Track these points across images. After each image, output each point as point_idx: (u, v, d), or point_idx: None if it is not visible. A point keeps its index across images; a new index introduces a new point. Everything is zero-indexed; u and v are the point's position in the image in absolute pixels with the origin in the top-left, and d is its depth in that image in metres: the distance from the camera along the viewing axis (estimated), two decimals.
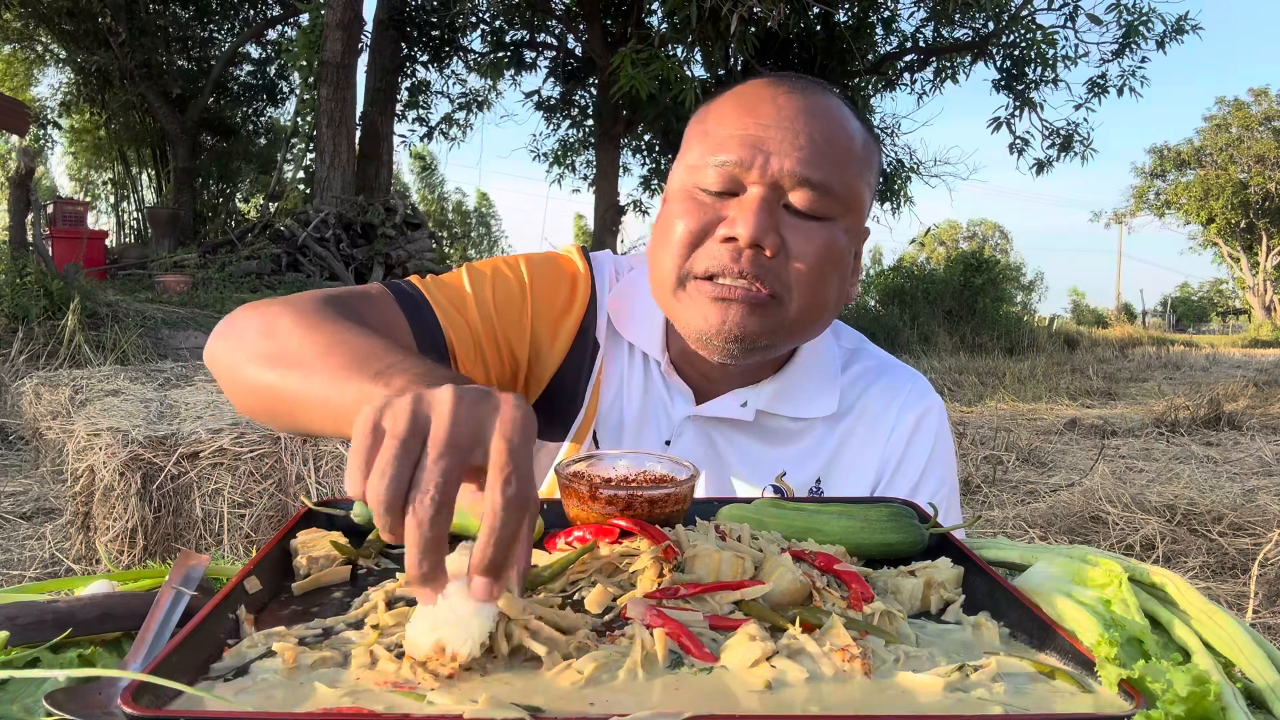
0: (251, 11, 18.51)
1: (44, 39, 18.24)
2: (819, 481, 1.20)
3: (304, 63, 13.66)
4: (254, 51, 19.50)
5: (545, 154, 18.05)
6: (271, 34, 19.21)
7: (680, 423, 1.18)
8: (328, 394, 0.84)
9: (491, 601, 0.60)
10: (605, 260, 1.27)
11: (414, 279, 1.18)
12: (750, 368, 1.16)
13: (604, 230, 15.69)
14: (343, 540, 0.83)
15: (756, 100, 1.06)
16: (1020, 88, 14.20)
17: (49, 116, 20.08)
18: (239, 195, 20.64)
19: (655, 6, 13.21)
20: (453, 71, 16.84)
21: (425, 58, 16.20)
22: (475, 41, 16.27)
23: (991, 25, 13.77)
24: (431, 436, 0.61)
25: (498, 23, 15.53)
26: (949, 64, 14.95)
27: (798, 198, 1.02)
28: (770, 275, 1.02)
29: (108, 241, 14.38)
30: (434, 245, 13.21)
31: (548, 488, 1.20)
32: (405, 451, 0.60)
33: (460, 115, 16.86)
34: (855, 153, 1.07)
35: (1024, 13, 13.60)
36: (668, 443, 1.18)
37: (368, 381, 0.79)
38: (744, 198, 1.03)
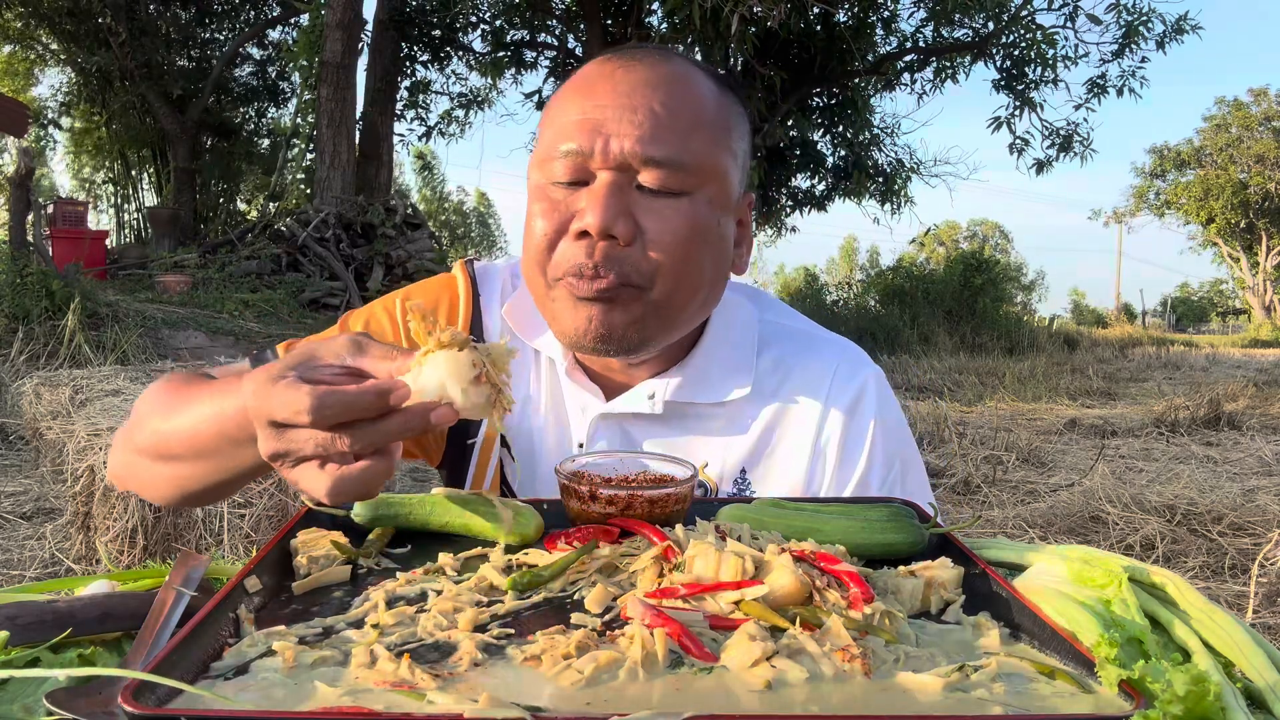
0: (252, 12, 18.51)
1: (44, 39, 18.24)
2: (744, 472, 1.13)
3: (304, 63, 13.67)
4: (255, 52, 19.51)
5: None
6: (272, 34, 19.23)
7: (592, 422, 1.13)
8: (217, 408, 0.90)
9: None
10: (495, 270, 1.23)
11: (282, 346, 1.14)
12: (656, 358, 1.11)
13: None
14: (343, 540, 0.83)
15: (594, 80, 1.01)
16: (1020, 88, 14.20)
17: (49, 116, 20.09)
18: (239, 195, 20.64)
19: (655, 6, 13.21)
20: (453, 71, 16.84)
21: (425, 57, 16.20)
22: (475, 41, 16.28)
23: (991, 25, 13.76)
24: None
25: (498, 22, 15.54)
26: (949, 64, 14.94)
27: (647, 177, 0.97)
28: (628, 264, 0.97)
29: (108, 241, 14.38)
30: (434, 245, 13.20)
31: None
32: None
33: (460, 113, 16.87)
34: (705, 118, 1.01)
35: (1024, 13, 13.60)
36: (581, 445, 1.13)
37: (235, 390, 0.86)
38: (593, 186, 0.98)
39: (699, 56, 13.05)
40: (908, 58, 15.01)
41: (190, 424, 0.93)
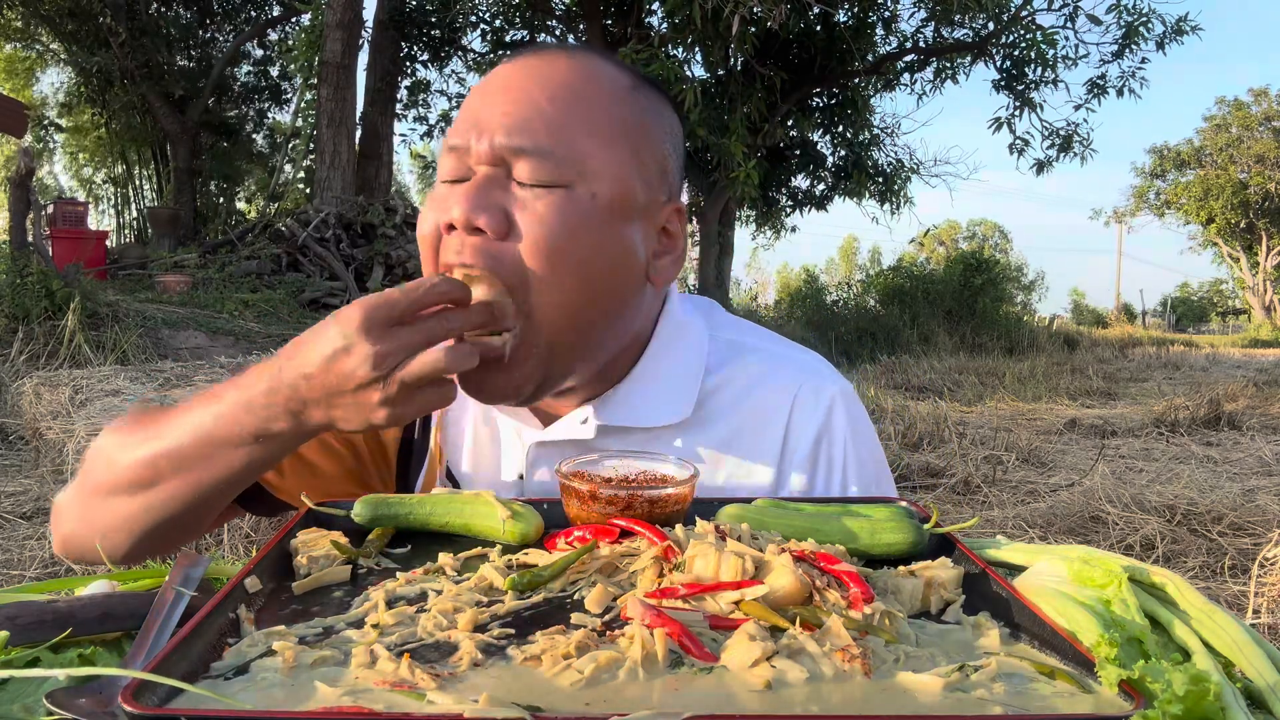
0: (252, 12, 18.52)
1: (45, 39, 18.25)
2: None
3: (304, 63, 13.67)
4: (255, 52, 19.52)
5: None
6: (272, 34, 19.23)
7: (529, 450, 1.07)
8: (205, 426, 0.91)
9: None
10: None
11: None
12: (591, 380, 1.04)
13: None
14: (343, 540, 0.83)
15: (494, 76, 0.98)
16: (1020, 88, 14.21)
17: (49, 116, 20.10)
18: (239, 195, 20.66)
19: (655, 6, 13.21)
20: (453, 71, 16.85)
21: (425, 57, 16.21)
22: (475, 41, 16.29)
23: (991, 25, 13.77)
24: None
25: (498, 22, 15.55)
26: (949, 64, 14.95)
27: (520, 170, 0.92)
28: (496, 258, 0.91)
29: (108, 242, 14.38)
30: None
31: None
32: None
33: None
34: (599, 108, 0.95)
35: (1024, 13, 13.60)
36: (521, 476, 1.08)
37: (233, 391, 0.90)
38: (465, 183, 0.94)
39: (699, 56, 13.07)
40: (908, 58, 15.02)
41: (171, 440, 0.94)
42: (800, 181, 17.39)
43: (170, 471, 0.94)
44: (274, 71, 19.33)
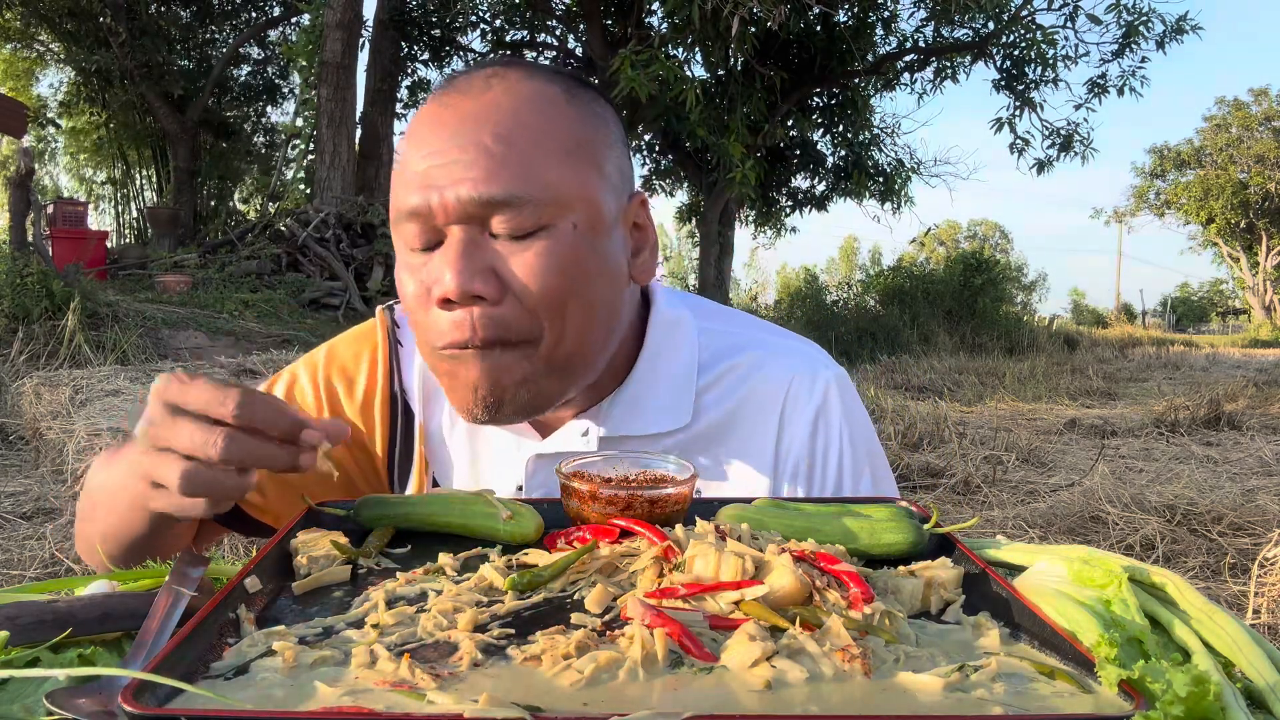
0: (252, 12, 18.52)
1: (45, 39, 18.25)
2: (698, 492, 1.03)
3: (304, 63, 13.66)
4: (255, 52, 19.52)
5: None
6: (272, 34, 19.23)
7: (529, 463, 1.06)
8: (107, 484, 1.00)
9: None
10: None
11: None
12: (587, 392, 1.04)
13: None
14: (343, 540, 0.83)
15: (425, 125, 0.92)
16: (1020, 88, 14.22)
17: (49, 116, 20.10)
18: (239, 195, 20.65)
19: (655, 7, 13.21)
20: (452, 71, 16.83)
21: (425, 57, 16.21)
22: (475, 41, 16.29)
23: (991, 25, 13.77)
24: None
25: (498, 22, 15.55)
26: (949, 64, 14.95)
27: (496, 224, 0.89)
28: (506, 323, 0.90)
29: (108, 242, 14.38)
30: None
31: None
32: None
33: None
34: (549, 139, 0.90)
35: (1024, 13, 13.61)
36: (520, 487, 1.07)
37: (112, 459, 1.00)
38: (444, 248, 0.90)
39: (699, 56, 13.07)
40: (908, 58, 15.03)
41: (95, 484, 1.04)
42: (800, 181, 17.40)
43: (103, 512, 1.01)
44: (274, 71, 19.32)
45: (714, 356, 1.08)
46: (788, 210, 17.96)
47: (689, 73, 12.09)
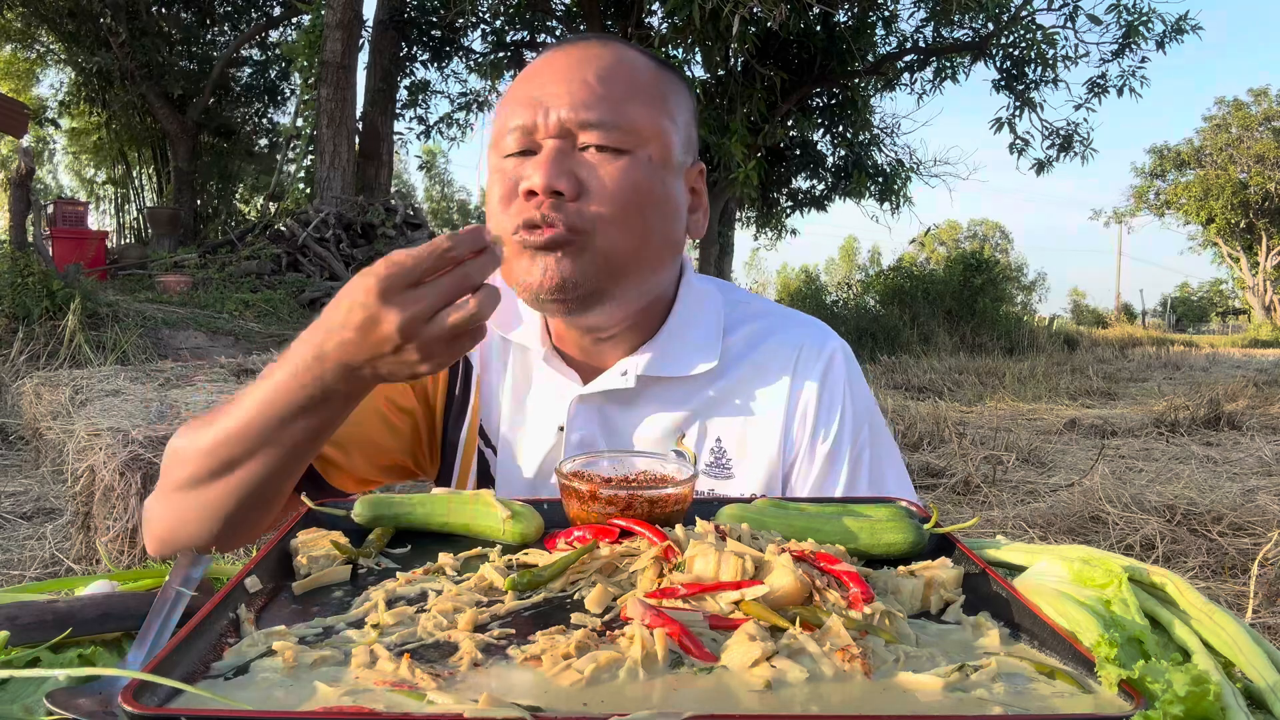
0: (253, 12, 18.51)
1: (45, 39, 18.25)
2: (719, 441, 1.19)
3: (304, 63, 13.66)
4: (255, 52, 19.50)
5: None
6: (272, 34, 19.23)
7: (571, 404, 1.19)
8: (265, 395, 0.97)
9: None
10: None
11: None
12: (628, 337, 1.18)
13: None
14: (343, 540, 0.83)
15: (536, 68, 1.12)
16: (1020, 88, 14.20)
17: (49, 117, 20.09)
18: (239, 195, 20.65)
19: (655, 7, 13.21)
20: (452, 71, 16.84)
21: (425, 57, 16.20)
22: (475, 41, 16.28)
23: (991, 25, 13.76)
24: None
25: (498, 22, 15.54)
26: (949, 64, 14.94)
27: (587, 138, 1.06)
28: (574, 215, 1.04)
29: (108, 242, 14.38)
30: None
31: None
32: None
33: (460, 115, 16.86)
34: (639, 84, 1.10)
35: (1024, 13, 13.60)
36: (561, 428, 1.19)
37: (284, 364, 0.97)
38: (539, 154, 1.06)
39: (699, 56, 13.06)
40: (908, 58, 15.01)
41: (234, 422, 1.00)
42: (800, 181, 17.38)
43: (241, 452, 1.00)
44: (274, 72, 19.31)
45: (735, 321, 1.24)
46: (788, 210, 17.96)
47: (689, 73, 12.10)
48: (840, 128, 15.96)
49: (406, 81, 16.36)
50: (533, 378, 1.22)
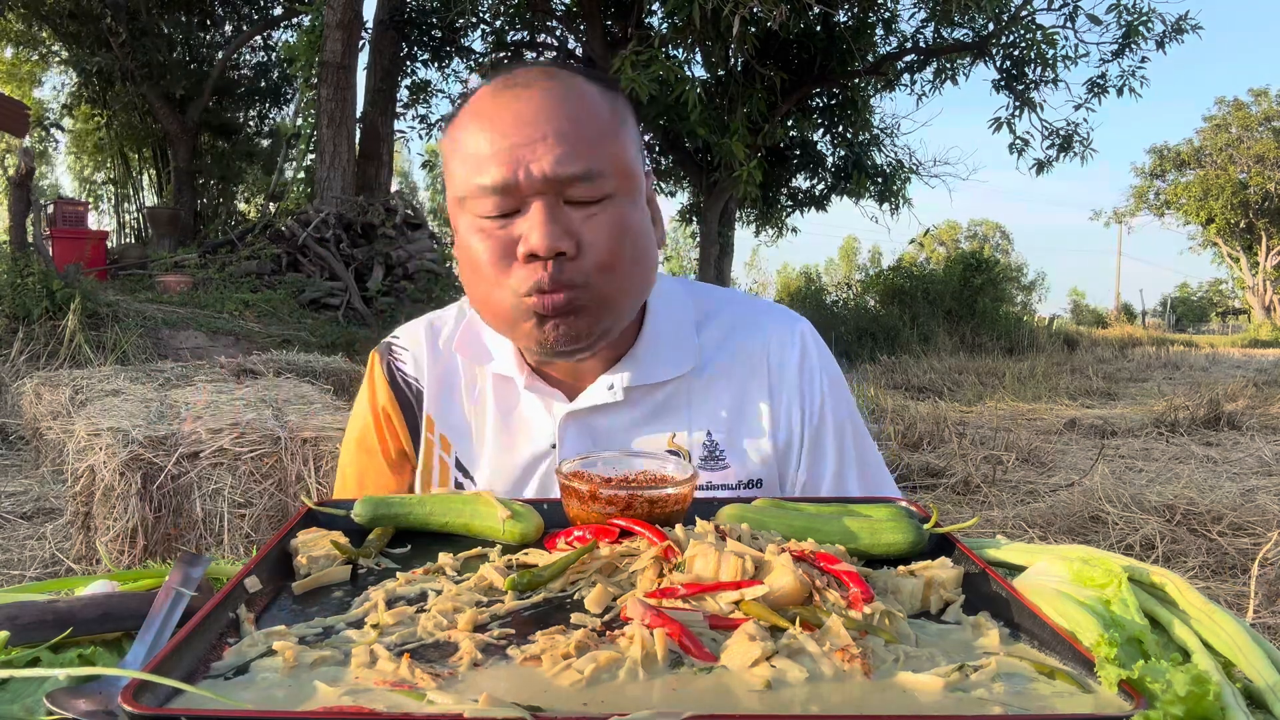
0: (253, 13, 18.50)
1: (46, 40, 18.24)
2: (710, 434, 1.22)
3: (304, 63, 13.65)
4: (255, 52, 19.50)
5: None
6: (273, 34, 19.22)
7: (561, 422, 1.21)
8: None
9: None
10: (411, 332, 1.33)
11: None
12: (605, 351, 1.20)
13: None
14: (343, 540, 0.83)
15: (494, 111, 1.07)
16: (1020, 88, 14.19)
17: (51, 118, 20.09)
18: (239, 195, 20.64)
19: (655, 7, 13.21)
20: (453, 71, 16.83)
21: (425, 57, 16.20)
22: (476, 41, 16.27)
23: (991, 26, 13.76)
24: None
25: (498, 23, 15.53)
26: (949, 64, 14.93)
27: (573, 192, 1.05)
28: (580, 275, 1.06)
29: (108, 242, 14.38)
30: (434, 245, 13.19)
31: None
32: None
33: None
34: (603, 122, 1.09)
35: (1024, 13, 13.59)
36: (554, 446, 1.21)
37: None
38: (529, 213, 1.04)
39: (699, 57, 13.06)
40: (908, 58, 15.00)
41: None
42: (800, 181, 17.38)
43: None
44: (274, 72, 19.30)
45: (705, 316, 1.28)
46: (788, 210, 17.96)
47: (689, 73, 12.09)
48: (840, 128, 15.96)
49: (407, 81, 16.36)
50: (517, 403, 1.25)
